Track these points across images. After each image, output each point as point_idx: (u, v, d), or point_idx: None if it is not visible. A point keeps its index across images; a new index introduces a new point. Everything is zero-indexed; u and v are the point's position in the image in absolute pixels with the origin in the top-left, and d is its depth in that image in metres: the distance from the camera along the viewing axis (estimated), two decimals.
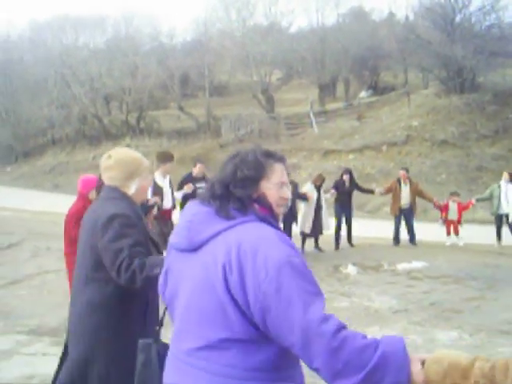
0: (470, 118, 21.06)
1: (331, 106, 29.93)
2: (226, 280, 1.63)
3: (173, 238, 1.88)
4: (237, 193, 1.78)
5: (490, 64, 22.59)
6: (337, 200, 10.85)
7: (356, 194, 11.44)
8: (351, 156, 20.31)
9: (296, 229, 9.97)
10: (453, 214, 11.32)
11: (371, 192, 11.65)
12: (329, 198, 10.83)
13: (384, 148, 20.33)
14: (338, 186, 10.81)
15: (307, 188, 10.16)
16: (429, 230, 11.86)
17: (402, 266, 8.78)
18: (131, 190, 2.74)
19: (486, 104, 21.77)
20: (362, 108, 26.21)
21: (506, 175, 11.27)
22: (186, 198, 7.92)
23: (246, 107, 28.48)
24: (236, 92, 34.65)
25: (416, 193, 11.08)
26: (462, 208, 11.41)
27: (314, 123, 25.22)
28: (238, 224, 1.71)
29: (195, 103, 32.06)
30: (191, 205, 1.91)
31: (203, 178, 8.30)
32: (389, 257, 9.59)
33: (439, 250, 10.81)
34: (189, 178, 8.33)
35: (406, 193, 10.88)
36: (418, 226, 11.84)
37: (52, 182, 26.30)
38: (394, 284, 7.78)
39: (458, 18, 24.05)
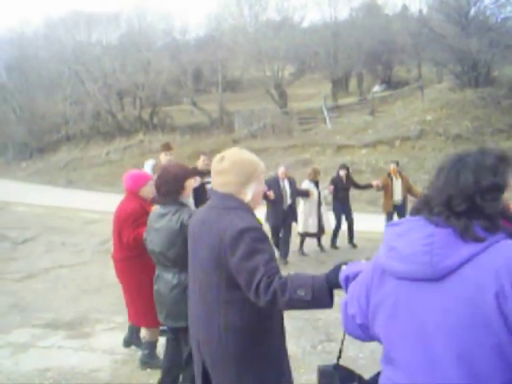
0: (484, 112, 20.86)
1: (344, 100, 29.80)
2: (501, 312, 1.40)
3: (394, 264, 1.61)
4: (486, 208, 1.51)
5: (505, 57, 22.33)
6: (335, 197, 10.53)
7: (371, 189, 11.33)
8: (364, 151, 20.21)
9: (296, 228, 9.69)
10: None
11: (369, 187, 11.01)
12: (327, 194, 10.63)
13: (397, 143, 20.20)
14: (336, 182, 10.51)
15: (306, 185, 9.84)
16: None
17: None
18: (247, 196, 2.44)
19: (501, 98, 21.54)
20: (375, 103, 26.05)
21: None
22: (194, 194, 7.59)
23: (258, 102, 28.46)
24: (249, 87, 34.62)
25: (407, 189, 10.76)
26: None
27: (326, 118, 25.14)
28: (490, 245, 1.48)
29: (208, 99, 32.08)
30: (409, 223, 1.64)
31: (208, 172, 8.04)
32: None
33: None
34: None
35: (398, 188, 10.57)
36: None
37: (66, 177, 26.47)
38: None
39: (472, 11, 23.77)
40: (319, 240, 10.25)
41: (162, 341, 4.49)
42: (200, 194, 7.32)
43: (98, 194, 20.15)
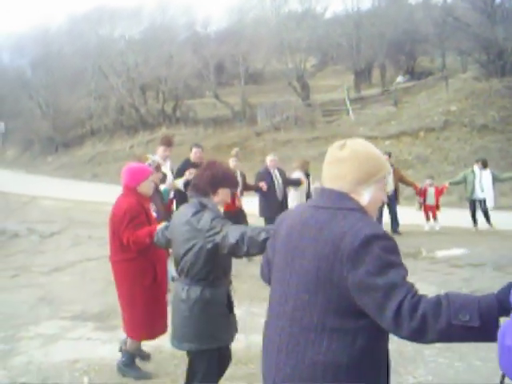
0: (511, 101, 20.50)
1: (367, 92, 29.55)
2: None
3: None
4: None
5: None
6: None
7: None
8: (388, 142, 20.05)
9: None
10: (431, 199, 11.32)
11: None
12: (318, 186, 10.38)
13: (421, 134, 19.99)
14: None
15: (298, 175, 9.50)
16: (468, 217, 11.64)
17: (441, 253, 8.68)
18: (364, 199, 1.94)
19: None
20: (399, 94, 25.77)
21: (478, 163, 11.50)
22: (186, 186, 7.12)
23: (281, 95, 28.39)
24: (271, 79, 34.52)
25: (398, 178, 10.91)
26: (438, 192, 11.37)
27: (349, 110, 24.98)
28: None
29: (230, 91, 32.10)
30: None
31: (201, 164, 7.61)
32: (427, 244, 9.48)
33: (480, 236, 10.62)
34: (187, 165, 7.54)
35: (389, 179, 10.49)
36: (456, 212, 11.67)
37: (91, 171, 26.81)
38: (433, 272, 7.70)
39: None
40: None
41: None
42: None
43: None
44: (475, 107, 20.37)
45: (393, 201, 10.58)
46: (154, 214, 4.84)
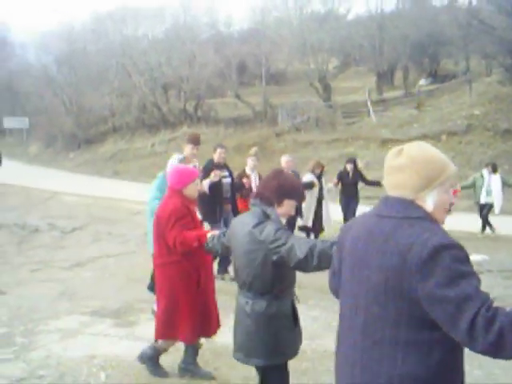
0: None
1: (389, 94, 29.38)
2: None
3: None
4: None
5: None
6: (342, 192, 10.19)
7: None
8: None
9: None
10: None
11: (377, 184, 9.55)
12: (331, 188, 9.92)
13: (444, 137, 19.82)
14: (342, 176, 10.11)
15: (308, 178, 9.11)
16: (492, 223, 11.50)
17: None
18: (429, 205, 1.87)
19: None
20: (421, 96, 25.58)
21: (488, 167, 11.34)
22: (212, 189, 6.92)
23: (302, 95, 28.36)
24: (293, 80, 34.51)
25: None
26: None
27: (371, 112, 24.85)
28: None
29: (252, 91, 32.15)
30: None
31: (225, 166, 7.43)
32: None
33: (501, 242, 10.49)
34: (211, 165, 7.27)
35: None
36: (476, 218, 11.51)
37: (112, 168, 27.04)
38: None
39: None
40: (316, 237, 9.19)
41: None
42: (217, 189, 7.06)
43: (142, 185, 20.50)
44: (499, 111, 20.13)
45: None
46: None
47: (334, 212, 9.89)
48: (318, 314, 5.92)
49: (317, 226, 9.27)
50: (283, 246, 2.85)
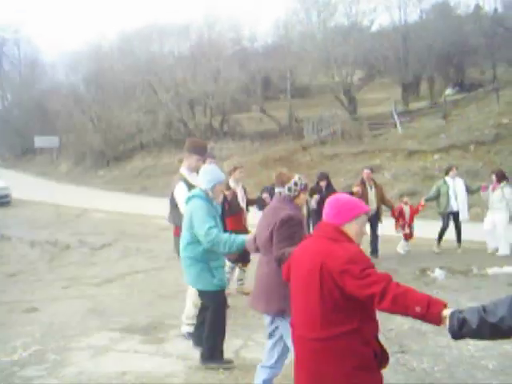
0: None
1: (415, 105, 29.17)
2: None
3: None
4: None
5: None
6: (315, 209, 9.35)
7: None
8: (436, 156, 19.70)
9: None
10: (407, 218, 10.26)
11: (351, 194, 9.07)
12: (313, 205, 9.17)
13: (472, 147, 19.55)
14: (315, 192, 9.38)
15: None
16: None
17: (492, 271, 8.42)
18: None
19: None
20: (448, 106, 25.33)
21: (454, 170, 10.30)
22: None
23: (328, 108, 28.34)
24: (318, 93, 34.52)
25: (380, 197, 9.90)
26: (413, 212, 10.31)
27: (397, 123, 24.69)
28: None
29: (277, 105, 32.27)
30: None
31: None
32: (478, 261, 9.25)
33: None
34: None
35: (373, 196, 9.71)
36: (508, 228, 11.29)
37: (140, 184, 27.35)
38: (484, 289, 7.49)
39: None
40: None
41: None
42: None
43: None
44: None
45: (375, 220, 9.65)
46: None
47: None
48: None
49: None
50: None
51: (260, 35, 37.31)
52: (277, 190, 3.99)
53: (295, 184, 3.89)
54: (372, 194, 9.77)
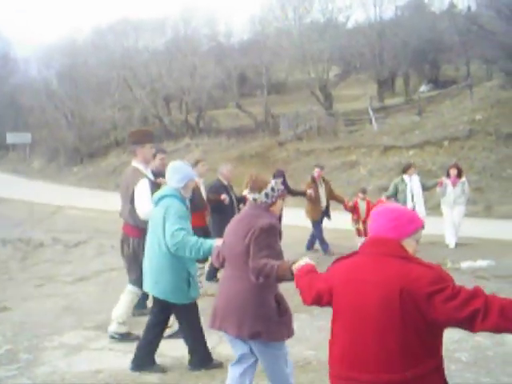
0: None
1: (390, 101, 29.41)
2: None
3: None
4: None
5: None
6: None
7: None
8: (411, 152, 19.87)
9: None
10: (363, 214, 9.82)
11: (302, 195, 9.98)
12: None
13: (446, 143, 19.77)
14: None
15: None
16: (497, 228, 11.46)
17: (466, 265, 8.51)
18: None
19: None
20: (423, 103, 25.57)
21: (413, 169, 10.29)
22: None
23: (304, 105, 28.40)
24: (294, 90, 34.56)
25: (330, 193, 10.07)
26: (370, 208, 9.63)
27: (373, 119, 24.86)
28: None
29: (253, 102, 32.23)
30: None
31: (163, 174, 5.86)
32: (452, 255, 9.34)
33: (507, 248, 10.41)
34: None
35: (323, 194, 9.90)
36: (481, 223, 11.44)
37: (115, 182, 26.98)
38: (458, 283, 7.55)
39: None
40: None
41: None
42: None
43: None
44: (501, 116, 20.09)
45: (327, 216, 9.93)
46: None
47: None
48: (323, 324, 5.88)
49: None
50: None
51: (236, 31, 37.37)
52: (251, 196, 3.50)
53: (272, 189, 3.45)
54: (322, 191, 9.95)
